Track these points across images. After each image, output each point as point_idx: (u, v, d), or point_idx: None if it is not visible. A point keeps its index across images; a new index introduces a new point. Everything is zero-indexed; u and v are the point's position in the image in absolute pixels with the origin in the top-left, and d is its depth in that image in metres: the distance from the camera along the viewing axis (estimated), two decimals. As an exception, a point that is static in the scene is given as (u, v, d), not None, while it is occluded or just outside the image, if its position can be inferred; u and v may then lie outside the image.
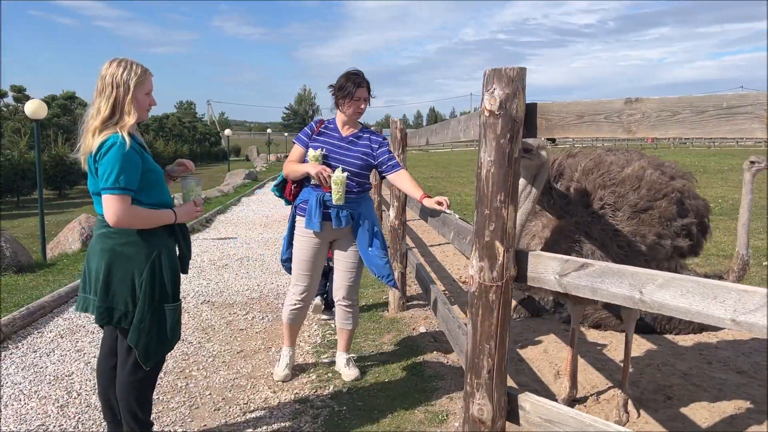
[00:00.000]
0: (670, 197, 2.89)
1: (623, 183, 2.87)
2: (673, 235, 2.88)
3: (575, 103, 2.03)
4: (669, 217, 2.87)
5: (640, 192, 2.84)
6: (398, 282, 5.37)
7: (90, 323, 5.21)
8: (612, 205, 2.83)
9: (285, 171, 3.82)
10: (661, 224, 2.84)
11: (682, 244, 2.92)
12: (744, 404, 3.43)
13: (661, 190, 2.88)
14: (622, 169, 2.93)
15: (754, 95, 1.59)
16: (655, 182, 2.89)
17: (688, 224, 2.95)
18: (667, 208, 2.87)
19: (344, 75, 3.68)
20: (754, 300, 1.58)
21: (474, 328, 2.26)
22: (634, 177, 2.88)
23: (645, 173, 2.90)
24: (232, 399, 3.70)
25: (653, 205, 2.84)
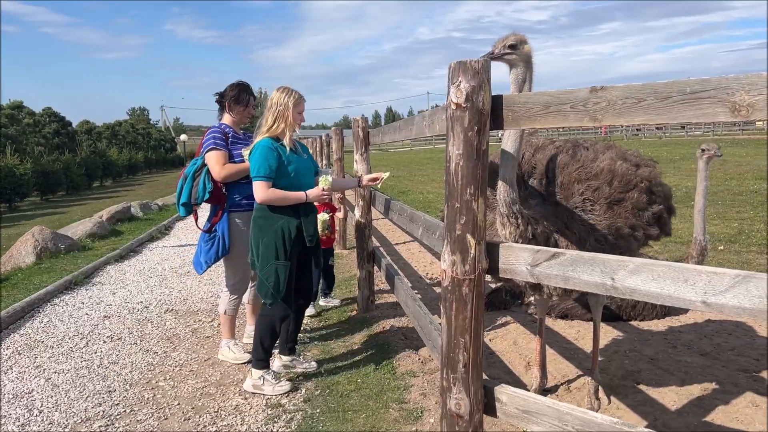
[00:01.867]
0: (640, 187, 2.92)
1: (597, 177, 2.87)
2: (645, 224, 2.91)
3: (541, 93, 2.04)
4: (641, 207, 2.89)
5: (613, 184, 2.86)
6: (366, 281, 5.35)
7: (49, 338, 5.04)
8: (590, 199, 2.84)
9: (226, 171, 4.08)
10: (634, 215, 2.86)
11: (653, 232, 2.95)
12: (709, 385, 3.51)
13: (631, 181, 2.90)
14: (594, 162, 2.94)
15: (716, 80, 1.61)
16: (626, 173, 2.91)
17: (659, 212, 2.98)
18: (639, 198, 2.89)
19: (238, 86, 4.26)
20: (724, 281, 1.60)
21: (448, 323, 2.25)
22: (607, 170, 2.89)
23: (616, 165, 2.92)
24: (202, 408, 3.62)
25: (626, 197, 2.86)
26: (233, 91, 4.25)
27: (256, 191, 3.56)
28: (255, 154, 3.57)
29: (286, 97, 3.63)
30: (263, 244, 3.61)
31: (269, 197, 3.56)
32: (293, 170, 3.65)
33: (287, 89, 3.68)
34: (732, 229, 8.22)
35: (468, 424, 2.27)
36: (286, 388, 3.77)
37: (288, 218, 3.63)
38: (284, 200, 3.61)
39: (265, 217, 3.63)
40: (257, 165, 3.54)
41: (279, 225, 3.61)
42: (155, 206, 15.39)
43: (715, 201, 10.64)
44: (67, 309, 5.95)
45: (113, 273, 7.72)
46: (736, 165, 17.73)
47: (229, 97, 4.25)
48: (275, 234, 3.60)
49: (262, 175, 3.53)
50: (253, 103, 4.36)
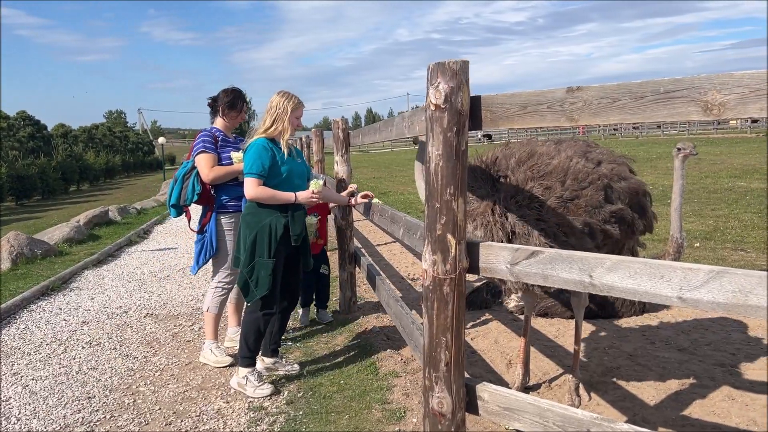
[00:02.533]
0: (596, 184, 2.91)
1: (549, 175, 2.88)
2: (601, 222, 2.90)
3: (518, 93, 2.06)
4: (595, 205, 2.89)
5: (566, 183, 2.87)
6: (348, 283, 5.35)
7: (26, 345, 4.96)
8: (539, 197, 2.85)
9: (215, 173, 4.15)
10: (587, 212, 2.87)
11: (612, 230, 2.93)
12: (687, 380, 3.57)
13: (586, 178, 2.90)
14: (549, 160, 2.95)
15: (689, 79, 1.64)
16: (580, 171, 2.92)
17: (618, 210, 2.97)
18: (594, 195, 2.89)
19: (231, 92, 4.34)
20: (698, 277, 1.63)
21: (430, 322, 2.27)
22: (561, 168, 2.90)
23: (571, 163, 2.93)
24: (184, 412, 3.59)
25: (580, 194, 2.87)
26: (228, 97, 4.32)
27: (247, 187, 3.62)
28: (249, 151, 3.64)
29: (285, 101, 3.71)
30: (250, 240, 3.65)
31: (259, 194, 3.62)
32: (286, 172, 3.71)
33: (288, 94, 3.76)
34: (707, 226, 8.36)
35: (450, 423, 2.28)
36: (267, 391, 3.76)
37: (276, 216, 3.68)
38: (273, 199, 3.65)
39: (253, 214, 3.69)
40: (250, 162, 3.61)
41: (266, 222, 3.65)
42: (133, 210, 15.23)
43: (691, 199, 10.81)
44: (44, 315, 5.87)
45: (91, 278, 7.62)
46: (710, 163, 18.02)
47: (223, 102, 4.32)
48: (262, 231, 3.64)
49: (254, 172, 3.59)
50: (245, 109, 4.47)
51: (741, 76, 1.54)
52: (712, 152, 23.10)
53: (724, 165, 17.42)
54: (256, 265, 3.65)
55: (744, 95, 1.53)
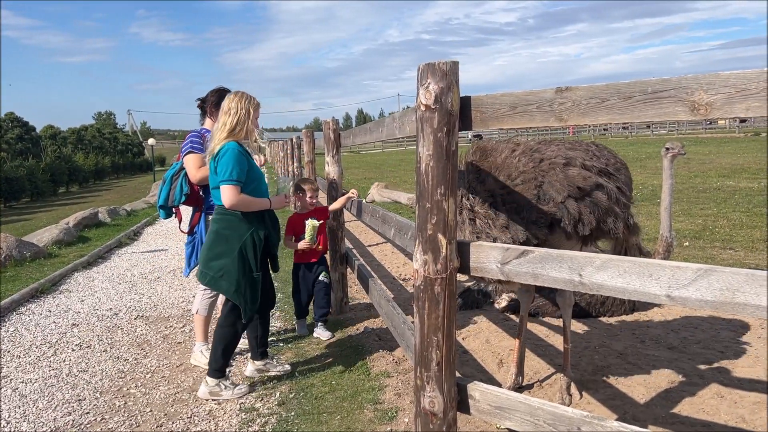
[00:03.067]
0: (528, 183, 2.86)
1: (498, 169, 2.90)
2: (535, 218, 2.85)
3: (508, 94, 2.07)
4: (525, 204, 2.85)
5: (499, 178, 2.88)
6: (339, 284, 5.35)
7: (15, 348, 4.93)
8: (473, 189, 2.89)
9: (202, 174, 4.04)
10: (516, 210, 2.86)
11: (538, 233, 2.87)
12: (677, 378, 3.59)
13: (519, 176, 2.87)
14: (499, 156, 2.96)
15: (676, 80, 1.66)
16: (516, 167, 2.88)
17: (549, 211, 2.87)
18: (524, 192, 2.85)
19: (218, 92, 4.29)
20: (687, 275, 1.65)
21: (421, 321, 2.27)
22: (496, 165, 2.91)
23: (513, 161, 2.91)
24: (175, 414, 3.58)
25: (510, 191, 2.86)
26: (214, 97, 4.29)
27: (227, 195, 3.47)
28: (225, 157, 3.48)
29: (246, 102, 3.60)
30: (237, 257, 3.51)
31: (239, 202, 3.50)
32: (258, 177, 3.67)
33: (245, 95, 3.64)
34: (696, 225, 8.42)
35: (442, 422, 2.29)
36: (244, 390, 3.78)
37: (255, 228, 3.59)
38: (251, 206, 3.56)
39: (231, 228, 3.55)
40: (228, 168, 3.45)
41: (249, 235, 3.56)
42: (123, 212, 15.15)
43: (680, 198, 10.89)
44: (33, 317, 5.83)
45: (81, 280, 7.58)
46: (699, 163, 18.16)
47: (210, 102, 4.32)
48: (245, 246, 3.54)
49: (234, 179, 3.46)
50: None
51: (727, 77, 1.55)
52: (701, 152, 23.27)
53: (713, 164, 17.55)
54: (250, 282, 3.57)
55: (730, 95, 1.55)
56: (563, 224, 2.88)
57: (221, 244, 3.55)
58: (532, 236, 2.88)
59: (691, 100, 1.63)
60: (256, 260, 3.59)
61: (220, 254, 3.55)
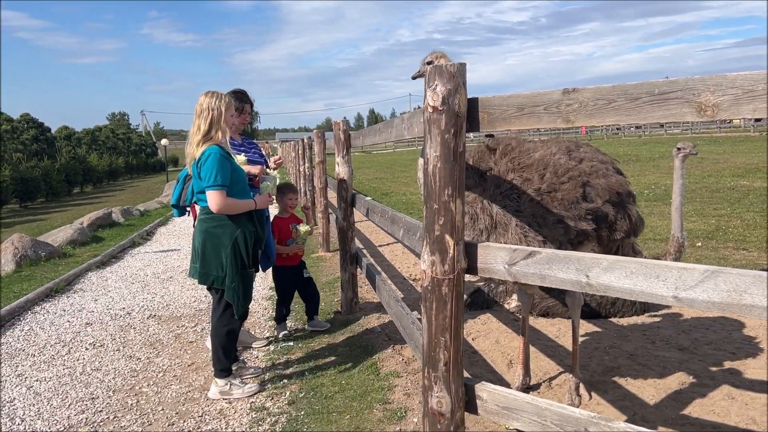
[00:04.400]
0: (575, 180, 2.93)
1: (530, 167, 2.94)
2: (576, 218, 2.91)
3: (515, 95, 2.08)
4: (572, 200, 2.91)
5: (545, 176, 2.91)
6: (349, 283, 5.37)
7: (30, 346, 5.00)
8: (518, 188, 2.90)
9: None
10: (563, 207, 2.89)
11: (585, 227, 2.94)
12: (687, 379, 3.58)
13: (565, 173, 2.93)
14: (531, 154, 3.00)
15: (683, 81, 1.66)
16: (561, 166, 2.94)
17: (596, 208, 2.97)
18: (571, 191, 2.91)
19: (233, 93, 4.31)
20: (693, 276, 1.65)
21: (429, 322, 2.28)
22: (540, 162, 2.94)
23: (552, 158, 2.97)
24: (186, 413, 3.62)
25: (557, 188, 2.90)
26: None
27: (213, 201, 3.50)
28: (208, 162, 3.49)
29: (217, 101, 3.56)
30: (229, 255, 3.58)
31: (225, 206, 3.54)
32: (242, 178, 3.70)
33: (217, 93, 3.62)
34: (709, 225, 8.35)
35: (450, 422, 2.30)
36: (254, 388, 3.84)
37: (245, 226, 3.66)
38: (237, 208, 3.61)
39: (222, 226, 3.59)
40: (213, 173, 3.47)
41: (238, 234, 3.61)
42: (136, 212, 15.28)
43: (693, 198, 10.81)
44: (48, 317, 5.90)
45: (95, 280, 7.66)
46: (713, 162, 18.00)
47: None
48: (237, 244, 3.60)
49: (219, 183, 3.49)
50: (248, 109, 4.46)
51: (734, 78, 1.55)
52: (715, 151, 23.06)
53: (727, 164, 17.40)
54: (243, 278, 3.64)
55: (737, 96, 1.55)
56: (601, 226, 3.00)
57: (213, 244, 3.60)
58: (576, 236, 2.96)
59: (698, 102, 1.63)
60: (248, 257, 3.65)
61: (213, 253, 3.60)
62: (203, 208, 3.65)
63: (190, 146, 3.58)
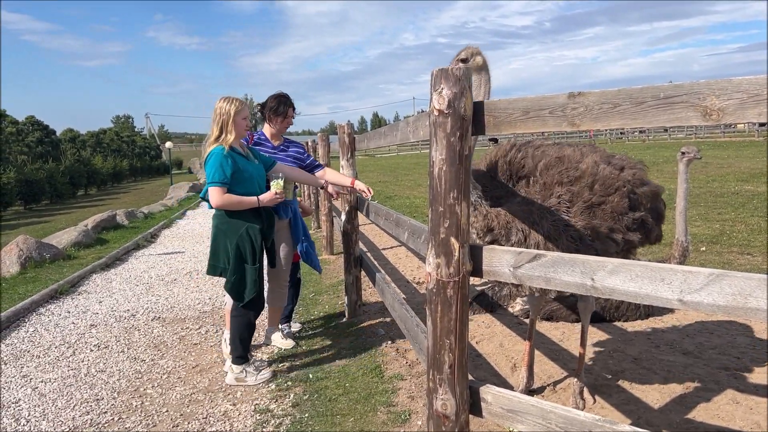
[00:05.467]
0: (621, 191, 2.93)
1: (579, 180, 2.91)
2: (625, 229, 2.93)
3: (521, 99, 2.09)
4: (621, 211, 2.92)
5: (594, 188, 2.90)
6: (353, 286, 5.38)
7: (35, 348, 5.01)
8: (568, 201, 2.88)
9: None
10: (613, 219, 2.89)
11: (633, 237, 2.96)
12: (691, 384, 3.57)
13: (612, 185, 2.93)
14: (577, 165, 2.97)
15: (688, 85, 1.67)
16: (608, 177, 2.94)
17: (640, 217, 3.00)
18: (620, 202, 2.91)
19: (276, 98, 4.48)
20: (699, 280, 1.65)
21: (434, 325, 2.29)
22: (589, 174, 2.92)
23: (598, 169, 2.95)
24: (191, 414, 3.63)
25: (606, 200, 2.89)
26: (272, 103, 4.48)
27: (212, 196, 3.72)
28: (209, 161, 3.73)
29: (228, 105, 3.77)
30: (232, 249, 3.78)
31: (225, 202, 3.73)
32: (248, 177, 3.82)
33: (229, 98, 3.82)
34: (714, 230, 8.34)
35: (454, 425, 2.30)
36: (267, 375, 4.06)
37: (251, 223, 3.83)
38: (239, 205, 3.78)
39: (228, 223, 3.81)
40: (212, 172, 3.69)
41: (243, 230, 3.80)
42: (141, 214, 15.31)
43: (698, 203, 10.79)
44: (53, 318, 5.92)
45: (99, 282, 7.68)
46: (717, 167, 17.97)
47: (268, 108, 4.49)
48: (242, 239, 3.79)
49: (217, 181, 3.69)
50: (292, 113, 4.55)
51: (740, 82, 1.56)
52: (720, 156, 23.02)
53: (731, 168, 17.36)
54: (244, 272, 3.81)
55: (743, 100, 1.56)
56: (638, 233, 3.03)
57: (222, 238, 3.82)
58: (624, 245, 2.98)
59: (703, 106, 1.64)
60: (253, 254, 3.82)
61: (222, 248, 3.83)
62: None
63: (203, 148, 3.87)
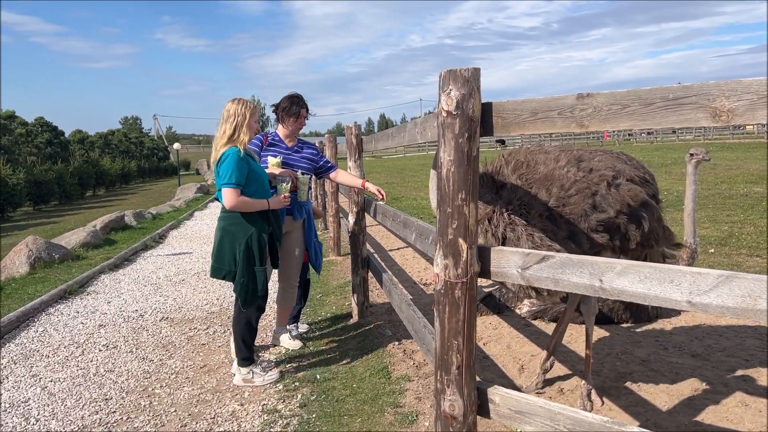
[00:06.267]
0: (584, 193, 2.92)
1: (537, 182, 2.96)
2: (588, 231, 2.91)
3: (529, 100, 2.09)
4: (581, 214, 2.91)
5: (552, 191, 2.92)
6: (361, 287, 5.39)
7: (45, 347, 5.05)
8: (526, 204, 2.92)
9: None
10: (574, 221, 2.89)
11: (599, 239, 2.93)
12: (700, 386, 3.56)
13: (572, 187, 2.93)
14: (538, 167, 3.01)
15: (697, 86, 1.66)
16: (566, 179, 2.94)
17: (607, 219, 2.96)
18: (580, 204, 2.90)
19: (289, 98, 4.49)
20: (708, 281, 1.65)
21: (441, 326, 2.29)
22: (545, 176, 2.96)
23: (556, 172, 2.97)
24: (199, 414, 3.64)
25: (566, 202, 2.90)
26: (285, 103, 4.49)
27: (227, 198, 3.72)
28: (225, 162, 3.72)
29: (243, 107, 3.81)
30: (242, 251, 3.77)
31: (238, 204, 3.73)
32: (259, 178, 3.88)
33: (243, 100, 3.86)
34: (722, 232, 8.30)
35: (462, 425, 2.30)
36: (275, 376, 4.10)
37: (261, 225, 3.85)
38: (251, 207, 3.80)
39: (237, 224, 3.80)
40: (228, 173, 3.69)
41: (252, 232, 3.80)
42: (149, 215, 15.37)
43: (706, 204, 10.74)
44: (62, 318, 5.96)
45: (108, 282, 7.72)
46: (726, 169, 17.88)
47: (282, 108, 4.50)
48: (251, 241, 3.79)
49: (233, 182, 3.69)
50: (304, 114, 4.55)
51: (750, 83, 1.55)
52: (728, 157, 22.90)
53: (740, 170, 17.27)
54: (253, 274, 3.81)
55: (753, 102, 1.55)
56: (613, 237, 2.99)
57: (229, 240, 3.81)
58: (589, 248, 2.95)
59: (712, 107, 1.63)
60: (261, 255, 3.83)
61: (229, 249, 3.81)
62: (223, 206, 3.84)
63: (215, 149, 3.82)
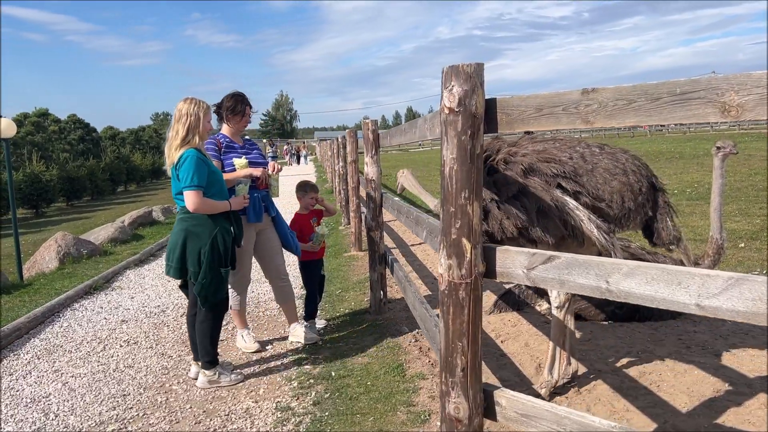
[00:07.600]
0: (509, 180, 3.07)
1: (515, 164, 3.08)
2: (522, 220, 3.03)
3: (534, 96, 2.03)
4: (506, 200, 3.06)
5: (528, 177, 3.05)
6: (378, 283, 5.36)
7: (68, 342, 5.14)
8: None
9: None
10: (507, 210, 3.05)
11: (535, 235, 3.04)
12: (722, 386, 3.45)
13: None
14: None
15: (705, 80, 1.59)
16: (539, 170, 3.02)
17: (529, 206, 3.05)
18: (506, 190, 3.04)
19: (233, 97, 4.40)
20: (717, 284, 1.58)
21: (446, 327, 2.25)
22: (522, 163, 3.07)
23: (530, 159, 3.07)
24: (213, 411, 3.66)
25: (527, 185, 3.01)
26: (229, 102, 4.40)
27: (190, 200, 3.69)
28: (185, 165, 3.67)
29: (195, 107, 3.75)
30: (206, 252, 3.74)
31: (201, 206, 3.72)
32: (218, 179, 3.87)
33: (195, 100, 3.80)
34: (755, 225, 8.06)
35: (467, 428, 2.26)
36: (239, 377, 4.09)
37: (223, 226, 3.83)
38: (214, 209, 3.78)
39: (202, 225, 3.77)
40: (190, 175, 3.65)
41: (218, 232, 3.78)
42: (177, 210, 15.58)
43: (738, 197, 10.44)
44: (86, 314, 6.06)
45: (133, 277, 7.84)
46: (761, 160, 17.37)
47: (225, 108, 4.41)
48: (215, 242, 3.76)
49: (195, 184, 3.67)
50: (249, 112, 4.47)
51: (760, 77, 1.48)
52: (763, 148, 22.23)
53: (776, 161, 16.76)
54: (217, 275, 3.80)
55: (763, 96, 1.48)
56: None
57: (192, 241, 3.76)
58: None
59: (721, 102, 1.57)
60: (225, 255, 3.82)
61: (192, 250, 3.76)
62: (181, 207, 3.82)
63: (168, 149, 3.77)
